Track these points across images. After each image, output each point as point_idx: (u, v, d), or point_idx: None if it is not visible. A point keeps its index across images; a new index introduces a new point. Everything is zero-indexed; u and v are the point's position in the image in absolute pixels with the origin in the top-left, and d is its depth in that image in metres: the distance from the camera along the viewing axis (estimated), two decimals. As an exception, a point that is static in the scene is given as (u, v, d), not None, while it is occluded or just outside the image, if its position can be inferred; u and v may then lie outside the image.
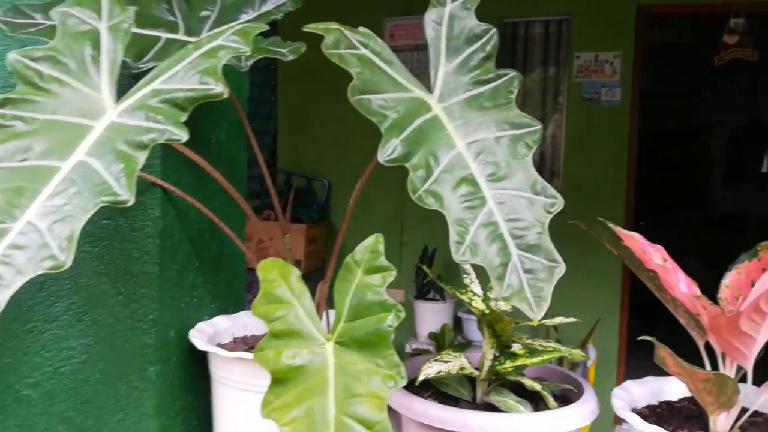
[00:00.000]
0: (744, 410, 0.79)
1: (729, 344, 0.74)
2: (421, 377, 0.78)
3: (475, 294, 0.91)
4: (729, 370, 0.78)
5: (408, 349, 3.28)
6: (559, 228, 0.84)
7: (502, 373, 0.84)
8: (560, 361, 2.95)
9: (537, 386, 0.85)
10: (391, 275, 0.65)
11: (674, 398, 0.91)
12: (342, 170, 3.82)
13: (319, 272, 3.64)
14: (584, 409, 0.79)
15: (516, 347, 0.86)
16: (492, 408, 0.82)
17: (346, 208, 0.86)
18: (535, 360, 0.82)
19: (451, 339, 3.23)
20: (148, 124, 0.63)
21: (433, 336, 3.35)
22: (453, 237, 0.63)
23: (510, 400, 0.81)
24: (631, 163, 3.42)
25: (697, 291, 0.80)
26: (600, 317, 2.99)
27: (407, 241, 3.81)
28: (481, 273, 0.77)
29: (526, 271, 0.63)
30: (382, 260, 0.65)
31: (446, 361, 0.81)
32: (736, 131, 5.92)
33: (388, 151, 0.64)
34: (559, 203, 0.66)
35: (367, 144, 0.93)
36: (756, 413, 0.84)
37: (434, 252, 3.66)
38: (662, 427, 0.81)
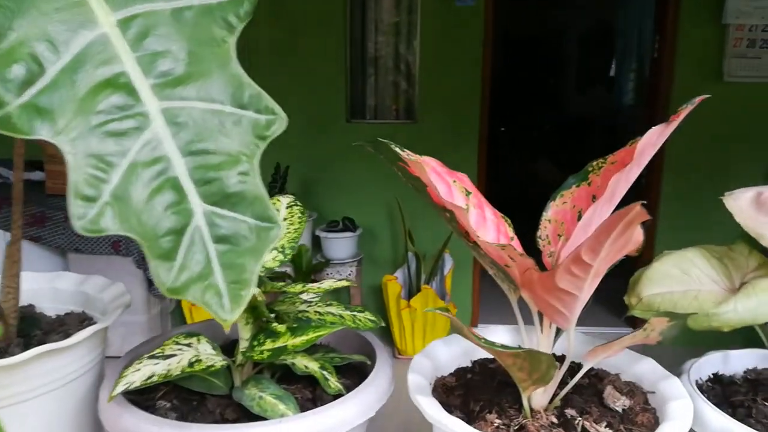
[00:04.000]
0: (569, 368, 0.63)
1: (545, 302, 0.56)
2: (119, 389, 0.52)
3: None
4: (547, 331, 0.61)
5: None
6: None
7: (260, 361, 0.61)
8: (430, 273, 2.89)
9: (312, 366, 0.63)
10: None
11: (491, 355, 0.74)
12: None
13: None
14: (358, 404, 0.58)
15: (279, 324, 0.62)
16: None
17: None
18: (297, 341, 0.59)
19: (308, 259, 3.09)
20: None
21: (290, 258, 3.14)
22: (78, 188, 0.35)
23: (267, 395, 0.59)
24: (485, 67, 3.27)
25: (509, 232, 0.61)
26: (454, 229, 2.92)
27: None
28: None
29: (219, 240, 0.38)
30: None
31: (168, 356, 0.56)
32: (586, 35, 6.05)
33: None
34: (280, 122, 0.40)
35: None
36: (584, 374, 0.70)
37: (287, 169, 3.37)
38: (468, 405, 0.64)
